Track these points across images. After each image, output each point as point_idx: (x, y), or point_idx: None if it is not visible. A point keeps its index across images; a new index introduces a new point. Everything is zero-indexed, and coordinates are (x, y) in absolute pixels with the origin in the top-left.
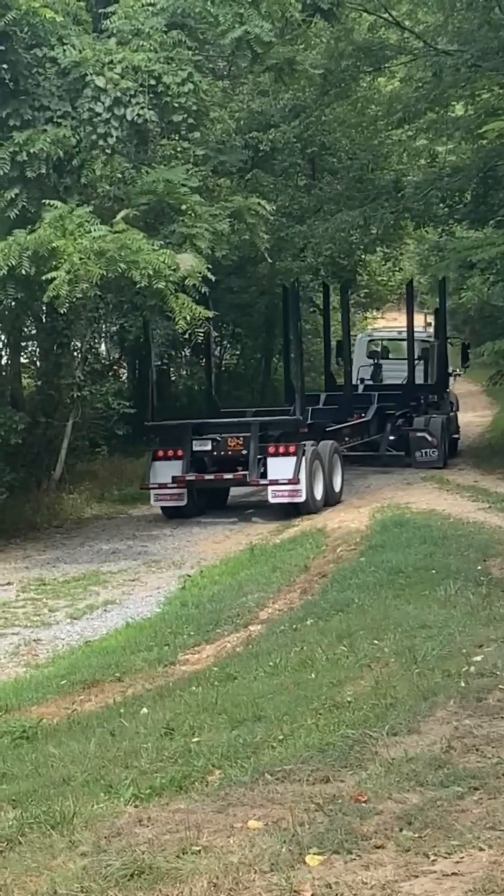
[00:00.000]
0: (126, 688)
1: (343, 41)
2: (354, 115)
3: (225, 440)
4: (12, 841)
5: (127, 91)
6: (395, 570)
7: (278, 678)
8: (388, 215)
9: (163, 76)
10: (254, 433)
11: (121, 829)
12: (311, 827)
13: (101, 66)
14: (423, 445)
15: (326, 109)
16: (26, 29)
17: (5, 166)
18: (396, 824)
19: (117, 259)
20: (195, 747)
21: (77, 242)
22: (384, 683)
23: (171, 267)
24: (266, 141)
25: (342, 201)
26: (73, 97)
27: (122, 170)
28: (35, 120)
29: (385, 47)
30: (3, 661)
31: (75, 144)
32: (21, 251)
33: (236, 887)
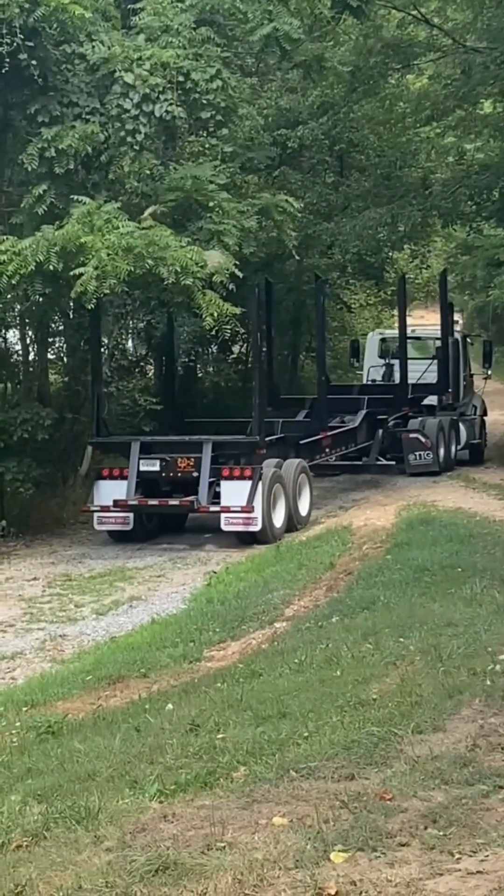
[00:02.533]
0: (151, 684)
1: (372, 38)
2: (383, 112)
3: (174, 460)
4: (37, 836)
5: (155, 87)
6: (420, 568)
7: (303, 675)
8: (415, 213)
9: (191, 73)
10: (205, 453)
11: (146, 824)
12: (335, 824)
13: (130, 62)
14: (416, 448)
15: (355, 106)
16: (55, 25)
17: (34, 162)
18: (421, 822)
19: (145, 255)
20: (220, 744)
21: (105, 238)
22: (409, 681)
23: (199, 263)
24: (294, 138)
25: (370, 198)
26: (101, 93)
27: (150, 166)
28: (63, 116)
29: (414, 44)
30: (28, 656)
31: (103, 141)
32: (49, 247)
33: (261, 884)
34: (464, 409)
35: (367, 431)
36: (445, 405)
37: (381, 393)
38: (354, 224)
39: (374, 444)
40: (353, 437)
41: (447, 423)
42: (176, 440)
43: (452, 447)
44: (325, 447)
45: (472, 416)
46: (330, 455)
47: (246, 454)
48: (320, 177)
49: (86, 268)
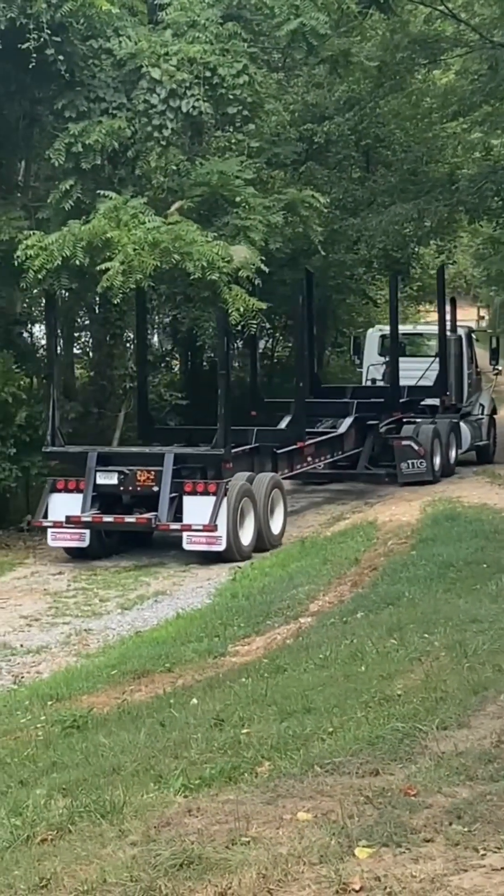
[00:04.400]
0: (176, 678)
1: (398, 33)
2: (409, 107)
3: (134, 474)
4: (62, 829)
5: (182, 83)
6: (445, 564)
7: (328, 671)
8: (441, 208)
9: (218, 68)
10: (166, 466)
11: (170, 819)
12: (360, 819)
13: (157, 57)
14: (408, 456)
15: (381, 102)
16: (82, 20)
17: (60, 157)
18: (446, 818)
19: (171, 250)
20: (245, 738)
21: (131, 233)
22: (434, 677)
23: (225, 258)
24: (320, 133)
25: (396, 194)
26: (128, 89)
27: (177, 162)
28: (90, 111)
29: (441, 39)
30: (54, 650)
31: (130, 136)
32: (75, 242)
33: (285, 879)
34: (469, 409)
35: (355, 438)
36: (448, 406)
37: (372, 396)
38: (380, 219)
39: (363, 451)
40: (340, 445)
41: (445, 428)
42: (136, 451)
43: (451, 452)
44: (308, 456)
45: (479, 415)
46: (312, 464)
47: (211, 467)
48: (346, 172)
49: (112, 262)
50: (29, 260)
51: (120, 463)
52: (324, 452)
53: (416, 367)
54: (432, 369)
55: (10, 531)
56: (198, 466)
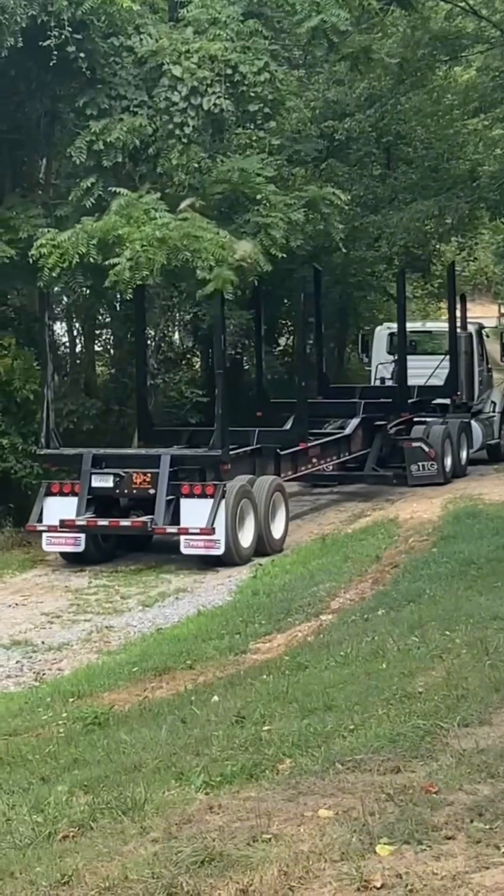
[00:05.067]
0: (197, 675)
1: (419, 30)
2: (430, 104)
3: (130, 476)
4: (84, 826)
5: (203, 80)
6: (467, 562)
7: (349, 668)
8: (463, 205)
9: (239, 65)
10: (163, 468)
11: (191, 816)
12: (381, 817)
13: (178, 55)
14: (419, 458)
15: (402, 98)
16: (103, 18)
17: (81, 155)
18: (467, 815)
19: (180, 248)
20: (266, 736)
21: (140, 230)
22: (455, 675)
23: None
24: (341, 130)
25: (417, 191)
26: (149, 86)
27: (198, 159)
28: (111, 109)
29: (462, 36)
30: (75, 647)
31: (151, 133)
32: (88, 239)
33: (306, 876)
34: (481, 407)
35: (363, 439)
36: (459, 405)
37: (381, 396)
38: (401, 216)
39: (371, 452)
40: (347, 446)
41: (456, 428)
42: (132, 453)
43: (462, 453)
44: (312, 457)
45: (490, 413)
46: (317, 466)
47: (209, 469)
48: (367, 169)
49: (120, 258)
50: (43, 258)
51: (116, 465)
52: (330, 454)
53: (425, 366)
54: (442, 367)
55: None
56: (196, 468)
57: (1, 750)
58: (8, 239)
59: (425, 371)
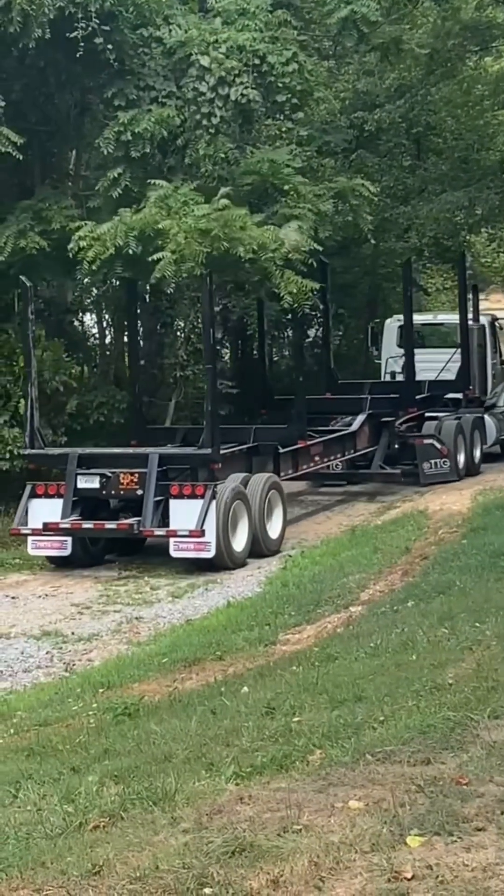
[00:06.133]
0: (227, 666)
1: (450, 20)
2: (460, 94)
3: (117, 476)
4: (115, 816)
5: (231, 71)
6: (497, 553)
7: (379, 659)
8: (493, 196)
9: (267, 56)
10: (151, 468)
11: (222, 806)
12: (411, 808)
13: (206, 45)
14: (431, 455)
15: (432, 89)
16: (132, 9)
17: (110, 146)
18: (498, 807)
19: (221, 237)
20: (296, 727)
21: (182, 222)
22: (486, 666)
23: (276, 242)
24: (371, 121)
25: (447, 182)
26: (177, 77)
27: (226, 150)
28: (140, 100)
29: (493, 26)
30: (105, 638)
31: (179, 124)
32: (127, 231)
33: (337, 867)
34: (494, 401)
35: (369, 435)
36: (471, 399)
37: (389, 391)
38: (431, 207)
39: (378, 449)
40: (353, 443)
41: (469, 424)
42: (119, 453)
43: (476, 450)
44: (315, 455)
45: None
46: (321, 464)
47: (200, 469)
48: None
49: (164, 252)
50: (82, 251)
51: (103, 465)
52: (333, 451)
53: (437, 359)
54: (454, 361)
55: None
56: (186, 468)
57: (32, 740)
58: (41, 230)
59: (437, 365)
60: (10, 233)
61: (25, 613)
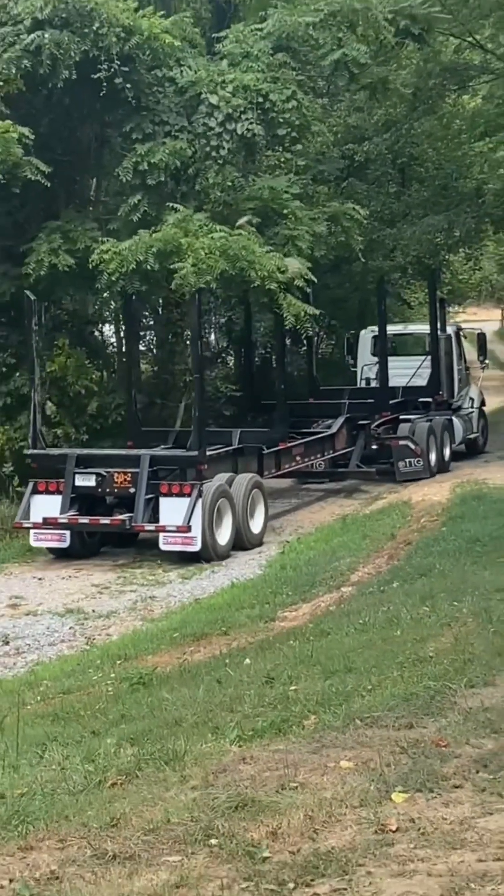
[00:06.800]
0: (231, 641)
1: (431, 62)
2: (440, 128)
3: (111, 475)
4: (130, 775)
5: (237, 108)
6: (473, 539)
7: (367, 634)
8: (469, 220)
9: (269, 94)
10: (143, 468)
11: (226, 766)
12: (396, 768)
13: (215, 85)
14: (406, 455)
15: (415, 124)
16: (148, 52)
17: (128, 175)
18: (473, 767)
19: (240, 257)
20: (293, 695)
21: (200, 240)
22: (463, 641)
23: (281, 269)
24: (360, 152)
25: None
26: (189, 113)
27: (232, 178)
28: (155, 133)
29: (469, 67)
30: (122, 615)
31: (191, 155)
32: (147, 248)
33: (329, 820)
34: (460, 404)
35: (347, 437)
36: (440, 403)
37: (366, 397)
38: (414, 230)
39: (355, 449)
40: (332, 444)
41: (439, 425)
42: (114, 454)
43: (446, 449)
44: (296, 455)
45: (469, 409)
46: (302, 464)
47: (188, 469)
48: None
49: (185, 263)
50: (103, 264)
51: (99, 465)
52: (314, 452)
53: (409, 366)
54: (424, 367)
55: None
56: (174, 468)
57: (56, 706)
58: (66, 249)
59: (408, 371)
60: (43, 251)
61: (51, 593)
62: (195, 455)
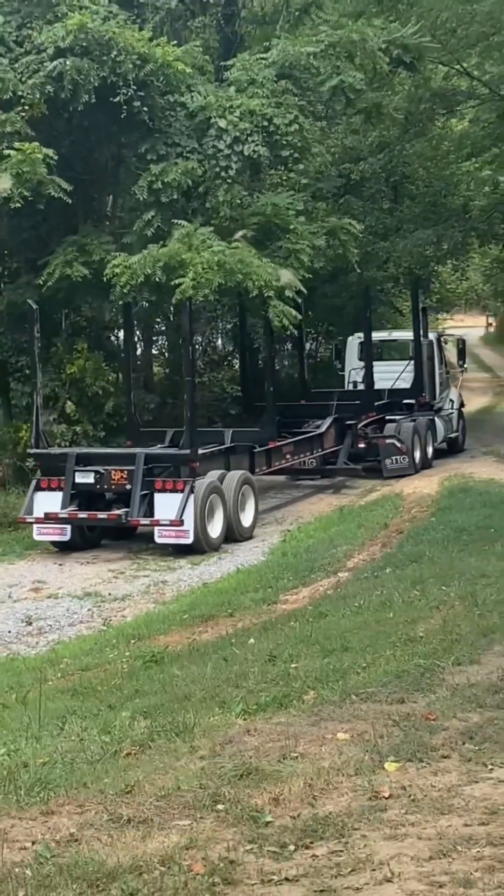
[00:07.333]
0: (236, 622)
1: (422, 88)
2: (430, 149)
3: (109, 473)
4: (144, 745)
5: (244, 131)
6: (459, 529)
7: (362, 616)
8: (457, 234)
9: (273, 118)
10: (138, 466)
11: (232, 737)
12: (389, 739)
13: (223, 110)
14: (392, 453)
15: (407, 145)
16: (161, 78)
17: (143, 193)
18: (460, 739)
19: (235, 270)
20: (293, 672)
21: (201, 255)
22: (450, 622)
23: (275, 279)
24: (356, 171)
25: (419, 222)
26: (199, 135)
27: (240, 196)
28: (168, 154)
29: (457, 93)
30: (136, 598)
31: (201, 175)
32: (154, 262)
33: (327, 787)
34: (441, 405)
35: (335, 436)
36: (423, 404)
37: (353, 399)
38: (406, 243)
39: (342, 448)
40: (321, 443)
41: (422, 425)
42: (111, 453)
43: (429, 447)
44: (286, 453)
45: (450, 410)
46: (292, 461)
47: (181, 467)
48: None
49: (185, 279)
50: (115, 277)
51: (97, 463)
52: (303, 450)
53: (393, 370)
54: (408, 371)
55: None
56: (168, 466)
57: (76, 682)
58: (83, 261)
59: (393, 375)
60: (58, 262)
61: (70, 578)
62: (187, 453)
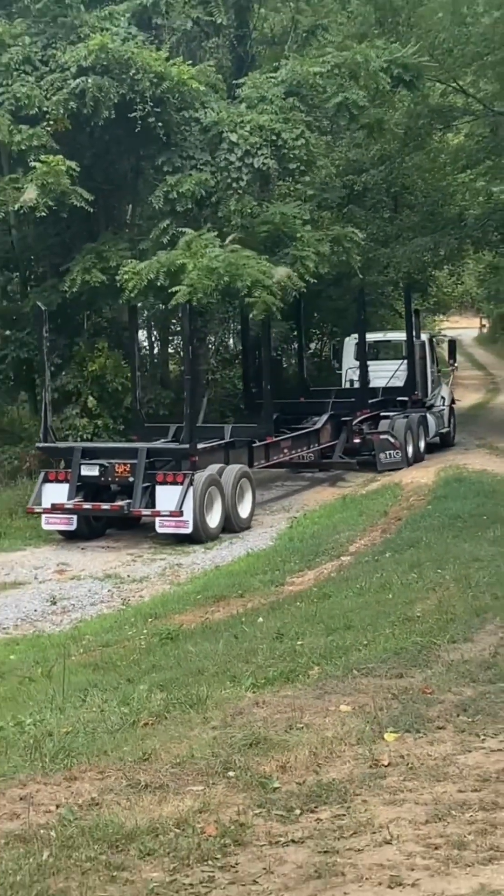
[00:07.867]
0: (246, 602)
1: (420, 105)
2: (428, 162)
3: (113, 466)
4: (160, 716)
5: (254, 145)
6: (454, 516)
7: (363, 597)
8: (453, 241)
9: (281, 133)
10: (140, 460)
11: (242, 709)
12: (388, 711)
13: (234, 125)
14: (386, 448)
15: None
16: (177, 95)
17: (159, 202)
18: (455, 711)
19: (222, 274)
20: (299, 649)
21: (198, 261)
22: (446, 603)
23: (268, 276)
24: (359, 183)
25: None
26: (212, 149)
27: (250, 206)
28: (183, 166)
29: (453, 109)
30: (153, 580)
31: (213, 186)
32: (159, 268)
33: (330, 756)
34: (433, 402)
35: (331, 432)
36: (416, 401)
37: (349, 396)
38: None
39: (338, 443)
40: (317, 438)
41: (415, 421)
42: (115, 447)
43: (421, 443)
44: (284, 448)
45: (441, 406)
46: (290, 456)
47: (181, 460)
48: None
49: (181, 286)
50: (124, 282)
51: (102, 457)
52: (301, 445)
53: (388, 369)
54: (402, 370)
55: None
56: (169, 459)
57: (97, 657)
58: (101, 267)
59: (387, 373)
60: (78, 269)
61: (92, 560)
62: (186, 448)
